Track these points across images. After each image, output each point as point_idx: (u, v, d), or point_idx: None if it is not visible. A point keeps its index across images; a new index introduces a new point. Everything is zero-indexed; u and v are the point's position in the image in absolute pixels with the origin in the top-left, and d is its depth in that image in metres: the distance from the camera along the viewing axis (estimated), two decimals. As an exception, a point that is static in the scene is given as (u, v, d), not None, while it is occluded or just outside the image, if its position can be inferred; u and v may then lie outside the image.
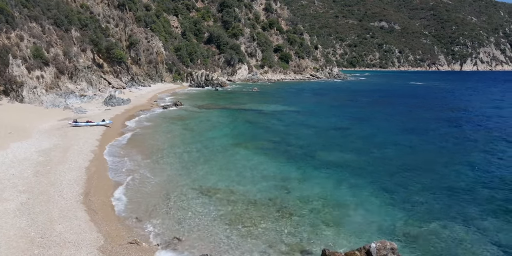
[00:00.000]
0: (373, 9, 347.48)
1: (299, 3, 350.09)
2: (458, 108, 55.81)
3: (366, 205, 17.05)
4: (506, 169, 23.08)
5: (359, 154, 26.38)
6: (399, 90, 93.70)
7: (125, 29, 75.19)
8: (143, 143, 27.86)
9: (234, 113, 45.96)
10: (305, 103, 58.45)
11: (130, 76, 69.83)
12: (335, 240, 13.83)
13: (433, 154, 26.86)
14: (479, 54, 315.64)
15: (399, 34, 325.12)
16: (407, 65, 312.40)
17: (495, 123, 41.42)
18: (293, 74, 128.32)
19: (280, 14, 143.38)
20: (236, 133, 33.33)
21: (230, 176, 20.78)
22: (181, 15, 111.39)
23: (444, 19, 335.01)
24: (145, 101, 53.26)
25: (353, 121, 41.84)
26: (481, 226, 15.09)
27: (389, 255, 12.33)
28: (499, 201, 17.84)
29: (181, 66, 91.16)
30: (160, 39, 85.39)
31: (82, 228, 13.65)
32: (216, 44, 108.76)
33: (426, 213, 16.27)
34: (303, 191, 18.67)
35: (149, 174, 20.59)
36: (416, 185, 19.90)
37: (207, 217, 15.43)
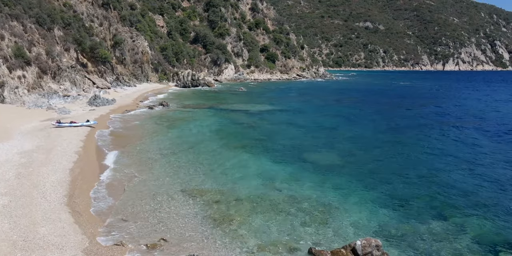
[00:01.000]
0: (358, 9, 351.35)
1: (285, 3, 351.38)
2: (440, 106, 56.90)
3: (351, 203, 17.27)
4: (489, 167, 23.66)
5: (344, 153, 26.68)
6: (383, 90, 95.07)
7: (109, 28, 74.13)
8: (128, 143, 27.56)
9: (220, 113, 45.88)
10: (291, 103, 58.74)
11: (115, 76, 68.91)
12: (321, 238, 13.97)
13: (416, 152, 27.35)
14: (461, 54, 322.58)
15: (383, 34, 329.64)
16: (392, 65, 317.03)
17: (477, 120, 42.42)
18: (280, 74, 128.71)
19: (266, 14, 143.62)
20: (222, 133, 33.29)
21: (217, 176, 20.76)
22: (167, 14, 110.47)
23: (427, 19, 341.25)
24: (130, 101, 52.67)
25: (339, 120, 42.26)
26: (463, 223, 15.46)
27: (374, 252, 12.56)
28: (480, 198, 18.29)
29: (167, 66, 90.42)
30: (146, 39, 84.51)
31: (66, 230, 13.45)
32: (202, 43, 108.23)
33: (409, 211, 16.58)
34: (290, 190, 18.79)
35: (135, 174, 20.40)
36: (401, 183, 20.25)
37: (193, 217, 15.39)
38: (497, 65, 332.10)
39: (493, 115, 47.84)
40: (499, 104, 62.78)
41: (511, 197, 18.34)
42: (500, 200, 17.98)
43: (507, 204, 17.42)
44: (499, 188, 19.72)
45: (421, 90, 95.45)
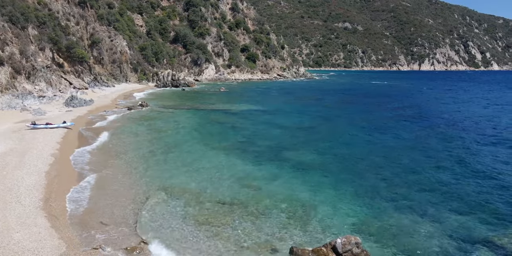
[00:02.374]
0: (337, 10, 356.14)
1: (265, 3, 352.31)
2: (414, 105, 58.35)
3: (332, 202, 17.50)
4: (467, 163, 24.39)
5: (324, 152, 27.00)
6: (362, 89, 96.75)
7: (86, 27, 72.51)
8: (107, 145, 27.04)
9: (201, 113, 45.62)
10: (272, 103, 58.99)
11: (92, 76, 67.47)
12: (303, 237, 14.11)
13: (394, 150, 27.94)
14: (436, 55, 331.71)
15: (362, 35, 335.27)
16: (370, 65, 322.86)
17: (451, 118, 43.71)
18: (260, 73, 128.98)
19: (246, 14, 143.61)
20: (203, 133, 33.12)
21: (198, 177, 20.64)
22: (146, 13, 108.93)
23: (403, 21, 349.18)
24: (109, 101, 51.69)
25: (319, 120, 42.72)
26: (440, 218, 15.89)
27: (353, 249, 12.77)
28: (457, 193, 18.85)
29: (146, 66, 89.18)
30: (124, 38, 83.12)
31: (42, 235, 13.09)
32: (183, 43, 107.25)
33: (388, 208, 16.94)
34: (271, 190, 18.88)
35: (114, 176, 20.05)
36: (379, 181, 20.66)
37: (174, 218, 15.26)
38: (470, 65, 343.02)
39: (461, 114, 49.39)
40: (468, 103, 64.90)
41: (487, 192, 18.97)
42: (476, 195, 18.57)
43: (482, 199, 18.02)
44: (475, 183, 20.37)
45: (399, 90, 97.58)
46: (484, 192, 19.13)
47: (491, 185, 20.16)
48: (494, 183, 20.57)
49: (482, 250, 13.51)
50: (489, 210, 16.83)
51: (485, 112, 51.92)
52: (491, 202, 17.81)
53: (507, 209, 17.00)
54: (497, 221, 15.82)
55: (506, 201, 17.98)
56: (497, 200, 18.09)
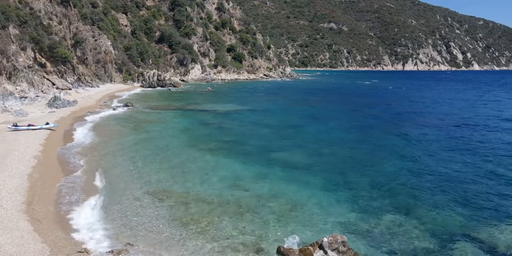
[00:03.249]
0: (322, 10, 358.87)
1: (251, 3, 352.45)
2: (398, 105, 59.31)
3: (318, 201, 17.65)
4: (447, 161, 24.90)
5: (310, 152, 27.20)
6: (347, 89, 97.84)
7: (69, 26, 71.24)
8: (91, 146, 26.65)
9: (187, 113, 45.36)
10: (259, 103, 59.09)
11: (76, 76, 66.35)
12: (290, 237, 14.18)
13: (379, 149, 28.35)
14: (419, 55, 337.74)
15: (347, 35, 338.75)
16: (355, 65, 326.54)
17: (434, 117, 44.58)
18: (247, 73, 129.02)
19: (232, 14, 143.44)
20: (190, 134, 32.95)
21: (184, 177, 20.54)
22: (131, 13, 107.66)
23: (387, 21, 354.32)
24: (93, 102, 50.92)
25: (305, 119, 43.01)
26: (424, 216, 16.19)
27: (340, 248, 12.92)
28: (441, 192, 19.23)
29: (131, 66, 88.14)
30: (109, 38, 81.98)
31: (25, 239, 12.83)
32: (168, 43, 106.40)
33: (373, 207, 17.18)
34: (258, 190, 18.92)
35: (98, 178, 19.77)
36: (365, 180, 20.92)
37: (160, 220, 15.15)
38: (452, 65, 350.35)
39: (445, 114, 50.44)
40: (453, 103, 66.31)
41: (470, 191, 19.40)
42: (459, 193, 18.97)
43: (466, 197, 18.42)
44: (458, 181, 20.79)
45: (383, 90, 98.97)
46: (467, 187, 19.58)
47: (472, 180, 20.65)
48: (474, 178, 21.07)
49: (462, 244, 13.84)
50: (470, 206, 17.24)
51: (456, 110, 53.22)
52: (473, 197, 18.24)
53: (488, 205, 17.44)
54: (479, 216, 16.21)
55: (488, 196, 18.45)
56: (480, 195, 18.54)
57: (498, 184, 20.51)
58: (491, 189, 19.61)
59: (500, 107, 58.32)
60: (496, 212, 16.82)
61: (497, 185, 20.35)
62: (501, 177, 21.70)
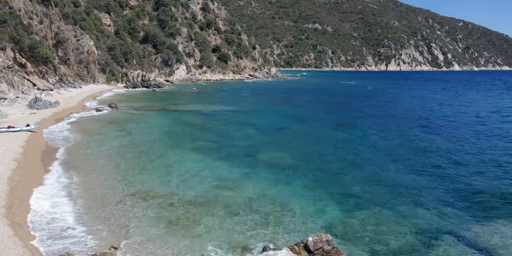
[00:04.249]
0: (307, 11, 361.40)
1: (236, 3, 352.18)
2: (380, 104, 60.25)
3: (303, 201, 17.80)
4: (430, 158, 25.43)
5: (295, 151, 27.39)
6: (332, 89, 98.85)
7: (50, 26, 69.83)
8: (74, 148, 26.21)
9: (172, 114, 45.05)
10: (244, 103, 59.12)
11: (58, 77, 65.08)
12: (275, 237, 14.27)
13: (363, 148, 28.75)
14: (401, 56, 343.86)
15: (331, 35, 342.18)
16: (340, 65, 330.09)
17: (417, 117, 45.45)
18: (232, 74, 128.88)
19: (217, 14, 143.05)
20: (175, 135, 32.76)
21: (170, 179, 20.41)
22: (114, 12, 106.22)
23: (370, 22, 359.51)
24: (76, 103, 50.04)
25: (290, 119, 43.27)
26: (407, 214, 16.51)
27: (325, 246, 13.07)
28: (423, 189, 19.62)
29: (115, 66, 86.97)
30: (91, 38, 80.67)
31: (5, 244, 12.54)
32: (153, 43, 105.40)
33: (357, 205, 17.43)
34: (243, 190, 18.96)
35: (82, 181, 19.47)
36: (349, 179, 21.20)
37: (145, 221, 15.03)
38: (433, 65, 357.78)
39: (422, 112, 51.52)
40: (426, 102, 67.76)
41: (452, 188, 19.86)
42: (442, 190, 19.40)
43: (448, 195, 18.84)
44: (440, 179, 21.24)
45: (365, 90, 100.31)
46: (448, 185, 20.05)
47: (454, 178, 21.15)
48: (456, 175, 21.59)
49: (445, 241, 14.17)
50: (452, 203, 17.67)
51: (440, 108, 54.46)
52: (455, 195, 18.70)
53: (469, 201, 17.91)
54: (461, 213, 16.61)
55: (468, 193, 18.94)
56: (459, 193, 19.01)
57: (477, 180, 21.07)
58: (471, 186, 20.13)
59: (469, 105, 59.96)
60: (477, 208, 17.29)
61: (477, 181, 20.89)
62: (480, 174, 22.30)
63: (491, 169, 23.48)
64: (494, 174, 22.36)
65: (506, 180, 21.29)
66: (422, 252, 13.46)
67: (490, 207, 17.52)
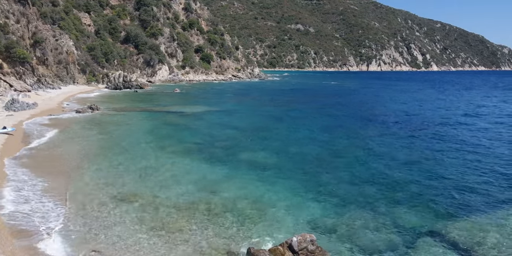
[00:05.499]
0: (289, 12, 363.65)
1: (218, 3, 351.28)
2: (363, 104, 61.20)
3: (286, 201, 17.89)
4: (416, 158, 25.92)
5: (278, 152, 27.49)
6: (314, 90, 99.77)
7: (28, 26, 67.99)
8: (53, 151, 25.60)
9: (155, 115, 44.55)
10: (227, 104, 59.00)
11: (36, 77, 63.44)
12: (259, 238, 14.29)
13: (345, 147, 29.09)
14: (382, 56, 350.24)
15: (313, 36, 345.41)
16: (322, 66, 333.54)
17: (397, 116, 46.35)
18: (215, 74, 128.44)
19: (200, 14, 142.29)
20: (157, 136, 32.40)
21: (152, 181, 20.17)
22: (94, 12, 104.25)
23: (352, 23, 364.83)
24: (55, 104, 48.89)
25: (273, 119, 43.42)
26: (391, 213, 16.79)
27: (309, 246, 13.17)
28: (408, 188, 20.00)
29: (96, 67, 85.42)
30: (71, 38, 79.05)
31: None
32: (134, 44, 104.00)
33: (340, 205, 17.63)
34: (227, 192, 18.91)
35: (61, 183, 19.03)
36: (332, 179, 21.41)
37: (128, 225, 14.81)
38: (412, 66, 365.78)
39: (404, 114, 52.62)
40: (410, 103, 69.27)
41: (436, 186, 20.31)
42: (426, 189, 19.81)
43: (431, 193, 19.26)
44: (425, 177, 21.68)
45: (347, 90, 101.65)
46: (430, 184, 20.52)
47: (437, 177, 21.66)
48: (437, 173, 22.12)
49: (427, 239, 14.49)
50: (433, 201, 18.08)
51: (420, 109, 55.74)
52: (437, 193, 19.14)
53: (449, 199, 18.37)
54: (442, 210, 17.01)
55: (449, 191, 19.43)
56: (441, 191, 19.46)
57: (459, 178, 21.64)
58: (451, 183, 20.65)
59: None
60: (456, 205, 17.74)
61: (457, 178, 21.46)
62: (461, 172, 22.90)
63: (468, 165, 24.15)
64: (471, 171, 22.99)
65: (485, 177, 21.92)
66: (405, 249, 13.74)
67: (469, 203, 18.01)
